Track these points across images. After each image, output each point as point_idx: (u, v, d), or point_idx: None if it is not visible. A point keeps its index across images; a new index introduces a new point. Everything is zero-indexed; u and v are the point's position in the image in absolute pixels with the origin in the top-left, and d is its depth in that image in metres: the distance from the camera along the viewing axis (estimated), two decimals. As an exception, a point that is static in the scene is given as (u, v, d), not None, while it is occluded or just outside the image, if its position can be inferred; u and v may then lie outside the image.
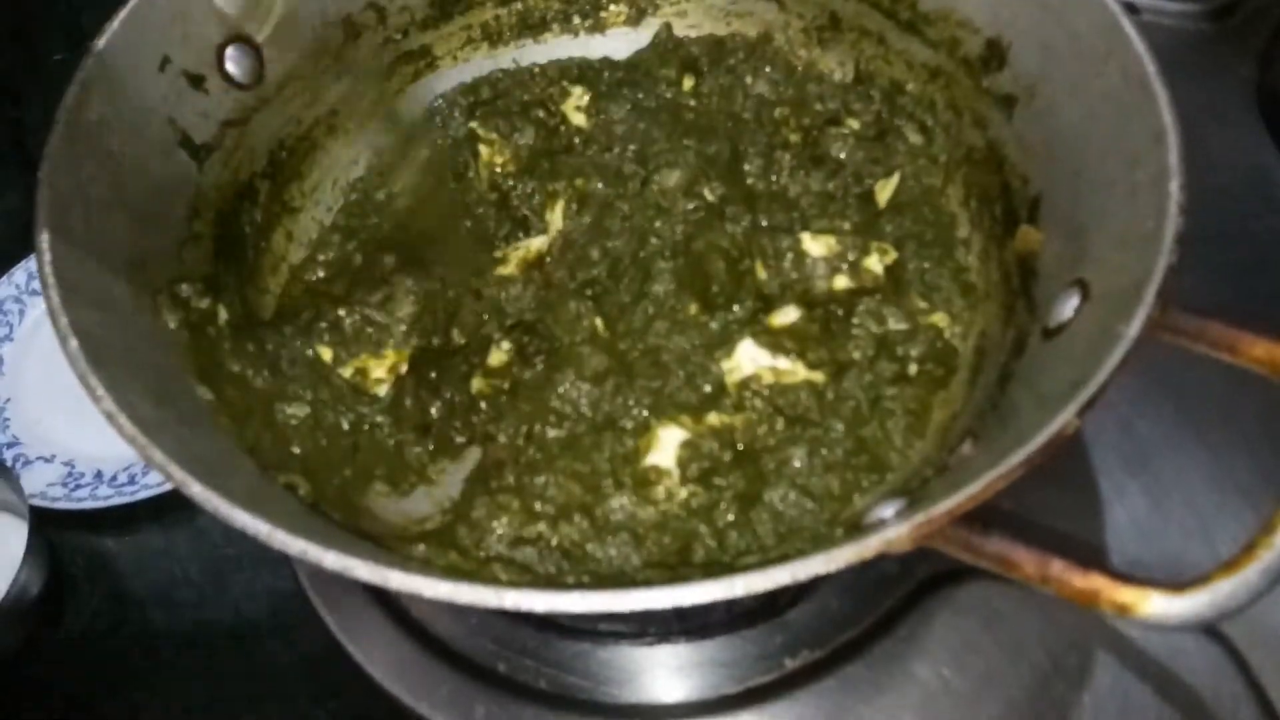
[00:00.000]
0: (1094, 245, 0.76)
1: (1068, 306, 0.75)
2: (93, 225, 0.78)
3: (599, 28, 1.13)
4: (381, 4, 1.04)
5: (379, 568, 0.58)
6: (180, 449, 0.65)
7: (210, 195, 0.92)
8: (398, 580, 0.57)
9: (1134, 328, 0.64)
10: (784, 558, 0.56)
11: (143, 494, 1.08)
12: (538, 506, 0.82)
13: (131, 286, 0.79)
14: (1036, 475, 0.61)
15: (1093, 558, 0.60)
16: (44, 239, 0.73)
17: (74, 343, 0.68)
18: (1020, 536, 0.61)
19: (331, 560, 0.58)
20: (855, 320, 0.89)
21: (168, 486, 0.93)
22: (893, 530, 0.58)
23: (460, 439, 0.88)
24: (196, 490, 0.61)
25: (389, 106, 1.09)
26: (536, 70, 1.12)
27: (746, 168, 1.01)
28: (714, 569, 0.80)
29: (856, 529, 0.69)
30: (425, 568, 0.59)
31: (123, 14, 0.85)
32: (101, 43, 0.83)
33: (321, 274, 1.00)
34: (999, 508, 0.61)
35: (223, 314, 0.87)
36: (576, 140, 1.06)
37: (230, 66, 0.94)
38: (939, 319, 0.91)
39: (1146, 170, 0.73)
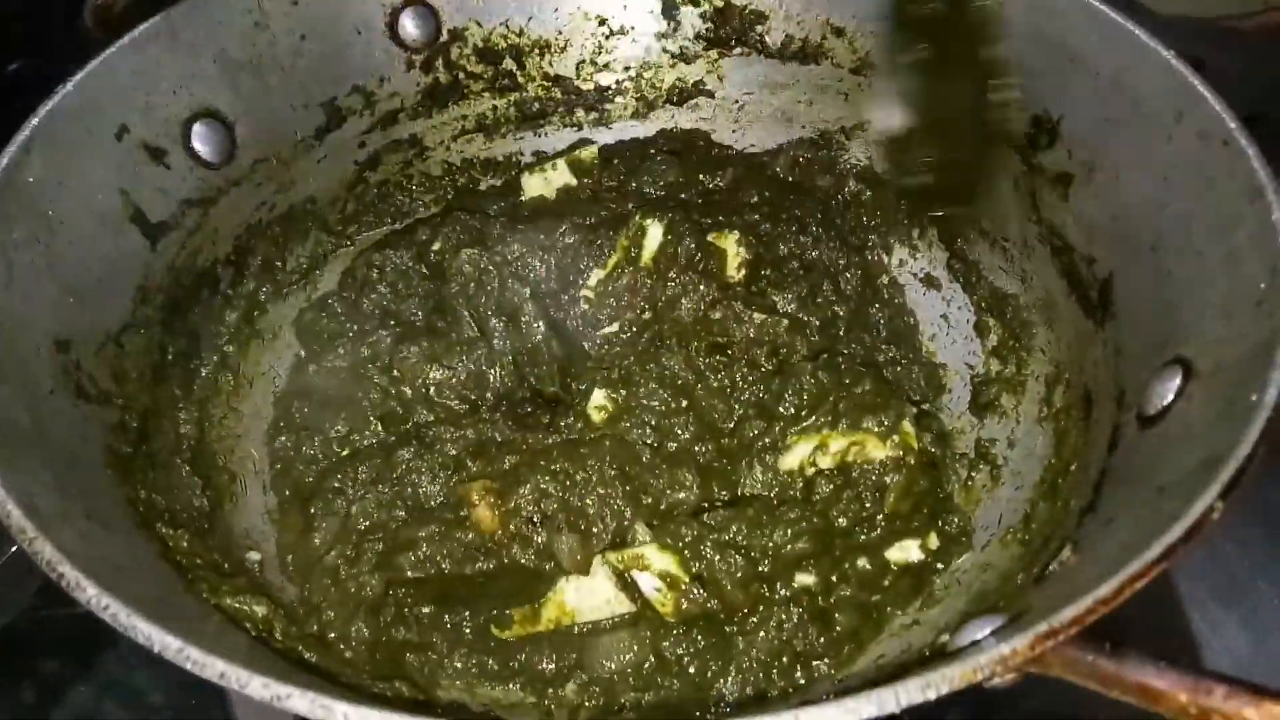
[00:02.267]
0: (1190, 320, 0.66)
1: (1167, 388, 0.63)
2: (15, 293, 0.67)
3: (603, 121, 1.06)
4: (370, 89, 0.96)
5: (320, 696, 0.43)
6: (81, 547, 0.52)
7: (162, 279, 0.81)
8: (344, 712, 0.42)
9: (1270, 394, 0.53)
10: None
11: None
12: None
13: (53, 366, 0.67)
14: (1120, 613, 0.48)
15: (1262, 686, 0.46)
16: (-53, 302, 0.62)
17: (-36, 417, 0.55)
18: (1163, 658, 0.47)
19: (258, 687, 0.44)
20: None
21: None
22: (1007, 646, 0.44)
23: None
24: (91, 594, 0.48)
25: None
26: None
27: None
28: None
29: (946, 655, 0.54)
30: (377, 700, 0.44)
31: (80, 75, 0.76)
32: (51, 103, 0.74)
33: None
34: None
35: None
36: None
37: (197, 143, 0.85)
38: None
39: (1246, 231, 0.64)
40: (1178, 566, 0.87)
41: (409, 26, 0.97)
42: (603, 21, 1.02)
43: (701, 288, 0.88)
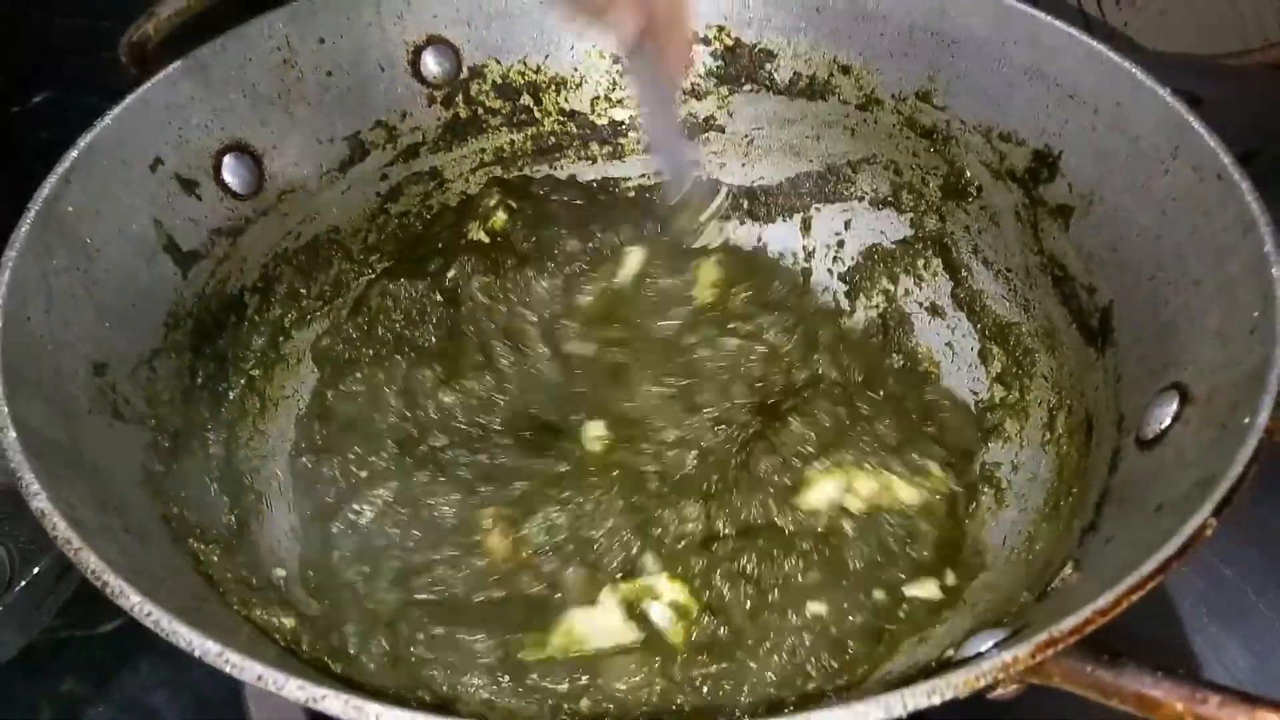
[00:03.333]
0: (1187, 346, 0.68)
1: (1165, 412, 0.66)
2: (55, 317, 0.70)
3: (617, 155, 1.09)
4: (392, 124, 1.00)
5: (353, 698, 0.45)
6: (123, 559, 0.54)
7: (192, 305, 0.84)
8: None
9: (1262, 417, 0.55)
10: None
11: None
12: None
13: (90, 387, 0.70)
14: (1123, 633, 0.50)
15: (1256, 695, 0.48)
16: (-5, 323, 0.64)
17: (12, 434, 0.58)
18: (1160, 667, 0.49)
19: (294, 689, 0.46)
20: None
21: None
22: (1009, 654, 0.46)
23: None
24: (134, 601, 0.50)
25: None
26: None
27: None
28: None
29: (951, 664, 0.56)
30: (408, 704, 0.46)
31: (117, 109, 0.80)
32: (90, 136, 0.77)
33: None
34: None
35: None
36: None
37: (227, 175, 0.88)
38: None
39: (1240, 261, 0.66)
40: (1179, 590, 0.89)
41: (430, 64, 1.00)
42: (617, 60, 1.05)
43: (677, 309, 0.90)
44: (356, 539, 0.81)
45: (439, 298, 0.95)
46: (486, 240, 1.02)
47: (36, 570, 0.96)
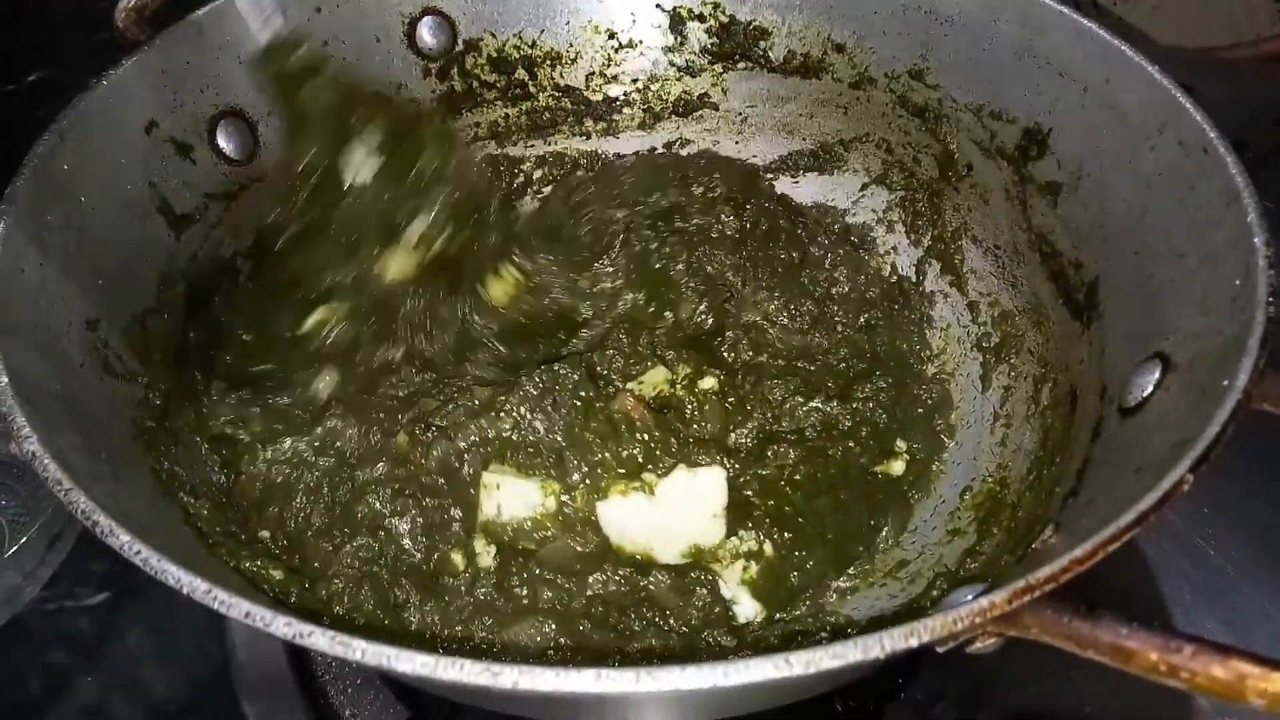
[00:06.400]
0: (1170, 316, 0.69)
1: (1147, 381, 0.66)
2: (49, 272, 0.70)
3: (611, 131, 1.10)
4: (387, 96, 1.00)
5: (339, 634, 0.45)
6: (110, 502, 0.54)
7: (185, 267, 0.84)
8: (361, 649, 0.45)
9: (1241, 379, 0.56)
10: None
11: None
12: None
13: (82, 342, 0.70)
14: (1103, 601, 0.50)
15: (1228, 645, 0.48)
16: (-13, 276, 0.65)
17: (4, 379, 0.58)
18: (1136, 618, 0.50)
19: (281, 626, 0.46)
20: None
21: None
22: (987, 599, 0.47)
23: None
24: (124, 540, 0.50)
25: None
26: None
27: None
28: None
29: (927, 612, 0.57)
30: (395, 639, 0.47)
31: (114, 71, 0.80)
32: (86, 97, 0.78)
33: None
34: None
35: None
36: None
37: (222, 140, 0.89)
38: None
39: (1223, 233, 0.67)
40: (1163, 569, 0.90)
41: (426, 36, 1.01)
42: (612, 35, 1.06)
43: None
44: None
45: None
46: None
47: (25, 541, 0.96)
